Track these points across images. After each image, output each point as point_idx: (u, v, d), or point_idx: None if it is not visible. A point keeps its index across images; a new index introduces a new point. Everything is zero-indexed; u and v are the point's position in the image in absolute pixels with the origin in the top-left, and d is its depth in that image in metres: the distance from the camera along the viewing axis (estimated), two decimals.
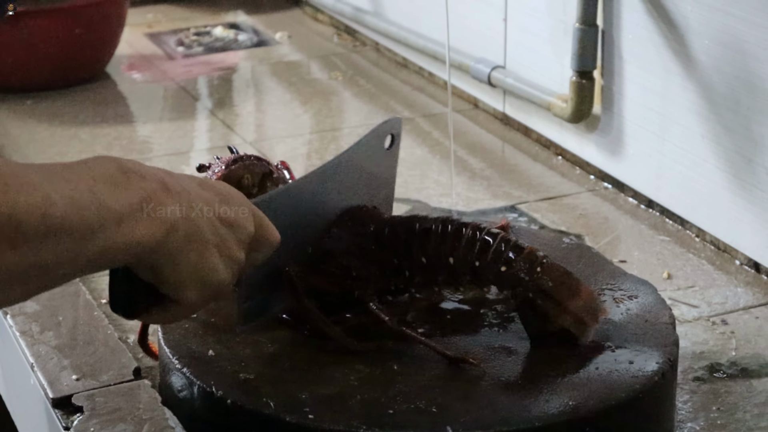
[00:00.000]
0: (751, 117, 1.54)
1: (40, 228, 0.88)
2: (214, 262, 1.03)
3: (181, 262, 1.00)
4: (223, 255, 1.04)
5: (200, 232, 1.01)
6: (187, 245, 1.00)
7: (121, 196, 0.94)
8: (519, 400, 1.14)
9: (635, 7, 1.71)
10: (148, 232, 0.96)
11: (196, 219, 1.01)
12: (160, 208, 0.97)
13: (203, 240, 1.02)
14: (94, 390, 1.24)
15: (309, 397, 1.14)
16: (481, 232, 1.22)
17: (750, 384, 1.34)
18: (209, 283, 1.03)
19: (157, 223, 0.97)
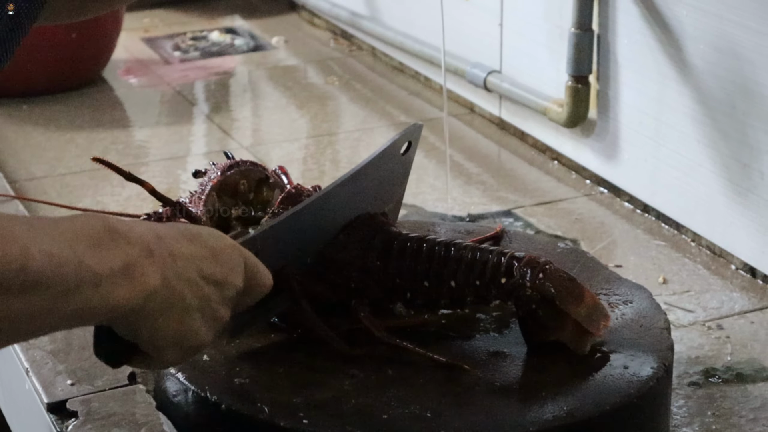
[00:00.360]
0: (747, 122, 1.54)
1: (15, 280, 0.86)
2: (195, 326, 1.02)
3: (159, 327, 0.99)
4: (206, 317, 1.03)
5: (182, 298, 1.00)
6: (166, 311, 0.99)
7: (102, 258, 0.92)
8: (514, 405, 1.14)
9: (631, 12, 1.71)
10: (126, 297, 0.94)
11: (178, 285, 0.99)
12: (141, 275, 0.95)
13: (184, 306, 1.00)
14: (89, 395, 1.23)
15: (303, 402, 1.14)
16: (479, 251, 1.21)
17: (745, 389, 1.33)
18: (189, 345, 1.02)
19: (136, 289, 0.95)
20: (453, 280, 1.21)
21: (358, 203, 1.27)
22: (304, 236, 1.22)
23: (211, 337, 1.04)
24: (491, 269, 1.20)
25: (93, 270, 0.91)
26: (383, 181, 1.31)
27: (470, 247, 1.22)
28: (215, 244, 1.04)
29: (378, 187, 1.30)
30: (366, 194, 1.28)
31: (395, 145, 1.30)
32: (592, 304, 1.21)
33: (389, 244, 1.25)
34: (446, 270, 1.22)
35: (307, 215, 1.22)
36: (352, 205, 1.27)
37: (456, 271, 1.21)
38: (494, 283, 1.20)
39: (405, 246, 1.24)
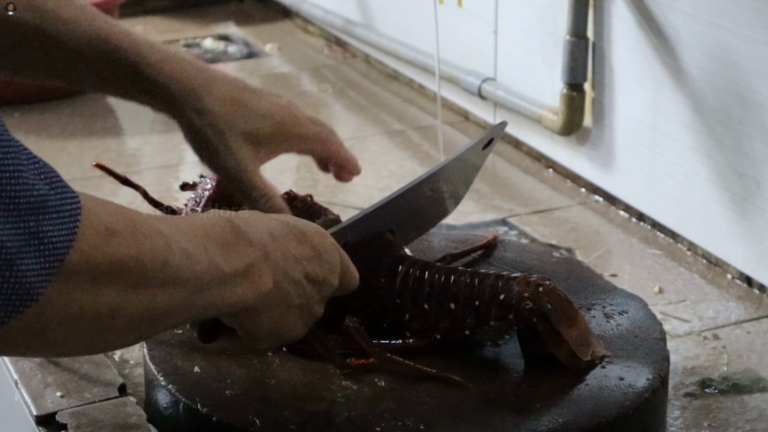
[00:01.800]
0: (743, 130, 1.53)
1: (159, 275, 0.93)
2: (293, 322, 1.09)
3: (262, 322, 1.07)
4: (304, 314, 1.10)
5: (287, 298, 1.07)
6: (272, 310, 1.06)
7: (229, 259, 1.00)
8: (508, 417, 1.13)
9: (626, 20, 1.70)
10: (244, 297, 1.02)
11: (286, 286, 1.06)
12: (258, 276, 1.03)
13: (288, 304, 1.08)
14: (79, 407, 1.22)
15: (295, 415, 1.13)
16: (479, 274, 1.21)
17: (742, 400, 1.33)
18: (284, 336, 1.11)
19: (253, 290, 1.03)
20: (453, 303, 1.20)
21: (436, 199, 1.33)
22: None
23: (304, 331, 1.11)
24: (490, 288, 1.19)
25: (222, 270, 0.99)
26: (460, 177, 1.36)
27: (470, 272, 1.22)
28: (320, 243, 1.11)
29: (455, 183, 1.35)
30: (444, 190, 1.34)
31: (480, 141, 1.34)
32: (584, 329, 1.21)
33: (395, 266, 1.24)
34: (447, 294, 1.21)
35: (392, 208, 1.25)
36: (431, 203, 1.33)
37: (456, 294, 1.20)
38: (494, 300, 1.19)
39: (409, 270, 1.23)
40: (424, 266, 1.24)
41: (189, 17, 2.81)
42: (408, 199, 1.28)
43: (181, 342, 1.25)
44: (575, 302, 1.29)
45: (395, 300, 1.23)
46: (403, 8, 2.29)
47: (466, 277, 1.21)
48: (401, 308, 1.23)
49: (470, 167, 1.38)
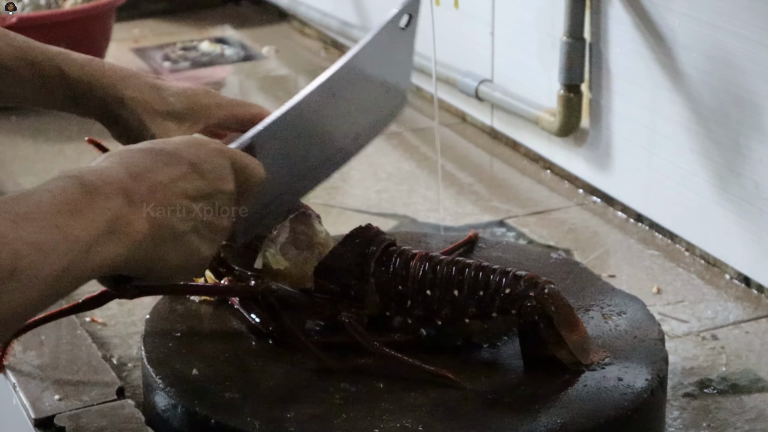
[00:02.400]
0: (740, 130, 1.53)
1: (13, 283, 0.89)
2: (194, 246, 1.04)
3: (158, 261, 1.02)
4: (203, 234, 1.05)
5: (172, 229, 1.02)
6: (160, 247, 1.01)
7: (85, 224, 0.94)
8: (506, 418, 1.13)
9: (623, 21, 1.70)
10: (117, 251, 0.97)
11: (164, 219, 1.01)
12: (126, 226, 0.98)
13: (176, 234, 1.02)
14: (77, 410, 1.22)
15: (293, 417, 1.13)
16: (485, 267, 1.21)
17: (740, 400, 1.33)
18: (194, 264, 1.05)
19: (125, 241, 0.97)
20: (457, 290, 1.21)
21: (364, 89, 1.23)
22: (307, 133, 1.18)
23: (214, 249, 1.06)
24: (496, 281, 1.19)
25: (81, 239, 0.93)
26: (387, 66, 1.26)
27: (477, 264, 1.22)
28: (195, 155, 1.05)
29: (381, 66, 1.25)
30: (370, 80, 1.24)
31: (394, 20, 1.25)
32: (584, 336, 1.22)
33: (386, 253, 1.25)
34: (451, 280, 1.21)
35: (310, 106, 1.17)
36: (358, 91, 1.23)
37: (461, 282, 1.20)
38: (498, 293, 1.19)
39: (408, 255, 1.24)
40: (428, 255, 1.24)
41: (186, 20, 2.81)
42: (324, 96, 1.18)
43: (180, 345, 1.25)
44: (574, 303, 1.29)
45: (396, 287, 1.23)
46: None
47: (472, 267, 1.21)
48: (403, 294, 1.23)
49: (395, 51, 1.27)
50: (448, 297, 1.21)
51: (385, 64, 1.26)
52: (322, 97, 1.19)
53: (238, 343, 1.25)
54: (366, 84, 1.24)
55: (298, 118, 1.17)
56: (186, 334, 1.26)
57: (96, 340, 1.40)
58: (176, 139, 1.07)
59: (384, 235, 1.27)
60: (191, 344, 1.25)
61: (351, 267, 1.24)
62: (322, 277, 1.25)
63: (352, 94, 1.22)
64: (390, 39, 1.26)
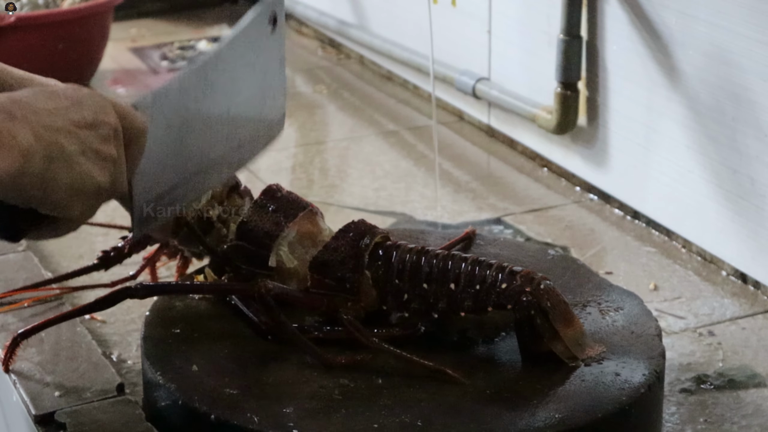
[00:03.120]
0: (736, 127, 1.53)
1: None
2: (85, 169, 1.02)
3: (48, 181, 1.00)
4: (92, 158, 1.03)
5: (60, 148, 1.00)
6: (50, 165, 0.99)
7: None
8: (505, 413, 1.14)
9: (619, 18, 1.71)
10: (3, 165, 0.96)
11: (51, 136, 1.00)
12: (10, 137, 0.96)
13: (65, 154, 1.01)
14: (77, 406, 1.23)
15: (293, 412, 1.13)
16: (482, 261, 1.22)
17: (737, 395, 1.33)
18: (88, 191, 1.03)
19: (11, 153, 0.96)
20: (453, 283, 1.21)
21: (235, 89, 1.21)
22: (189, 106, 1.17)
23: (107, 178, 1.04)
24: (492, 276, 1.20)
25: None
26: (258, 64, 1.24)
27: (474, 258, 1.23)
28: (74, 93, 1.04)
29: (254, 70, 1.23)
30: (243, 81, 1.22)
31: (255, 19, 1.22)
32: (580, 330, 1.22)
33: (382, 246, 1.26)
34: (447, 273, 1.22)
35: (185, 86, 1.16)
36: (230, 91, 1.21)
37: (458, 275, 1.21)
38: (494, 288, 1.20)
39: (405, 249, 1.25)
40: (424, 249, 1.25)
41: (183, 20, 2.81)
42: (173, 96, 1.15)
43: (179, 341, 1.25)
44: (571, 299, 1.30)
45: (393, 280, 1.24)
46: (397, 9, 2.29)
47: (469, 262, 1.22)
48: (400, 288, 1.24)
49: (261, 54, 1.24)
50: (444, 290, 1.22)
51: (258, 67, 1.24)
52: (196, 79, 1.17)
53: (237, 339, 1.26)
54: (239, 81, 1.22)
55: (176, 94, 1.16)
56: (185, 331, 1.27)
57: (96, 337, 1.40)
58: (50, 82, 1.07)
59: (377, 229, 1.28)
60: (191, 341, 1.25)
61: (345, 260, 1.25)
62: (317, 272, 1.25)
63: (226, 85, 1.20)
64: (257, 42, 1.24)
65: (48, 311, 1.40)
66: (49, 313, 1.38)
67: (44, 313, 1.39)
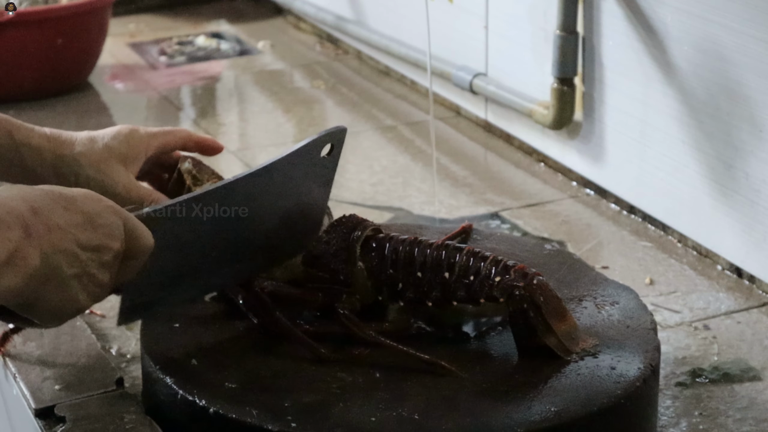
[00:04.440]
0: (731, 122, 1.54)
1: None
2: (73, 294, 1.07)
3: (38, 299, 1.05)
4: (84, 283, 1.08)
5: (57, 271, 1.05)
6: (45, 286, 1.05)
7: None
8: (501, 407, 1.14)
9: (615, 14, 1.71)
10: (13, 284, 1.01)
11: (54, 259, 1.05)
12: (23, 258, 1.02)
13: (61, 277, 1.06)
14: (77, 400, 1.23)
15: (292, 406, 1.14)
16: (476, 254, 1.23)
17: (732, 389, 1.34)
18: (69, 311, 1.09)
19: (20, 273, 1.02)
20: (447, 272, 1.22)
21: (270, 200, 1.24)
22: (205, 225, 1.19)
23: (89, 302, 1.09)
24: (487, 268, 1.21)
25: None
26: (301, 182, 1.27)
27: (469, 249, 1.24)
28: (91, 208, 1.09)
29: (295, 187, 1.26)
30: (280, 192, 1.24)
31: (314, 144, 1.26)
32: (573, 325, 1.24)
33: (375, 238, 1.27)
34: (441, 263, 1.23)
35: (209, 202, 1.18)
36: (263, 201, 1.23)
37: (452, 265, 1.22)
38: (488, 280, 1.21)
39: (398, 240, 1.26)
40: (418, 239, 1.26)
41: (181, 15, 2.81)
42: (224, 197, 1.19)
43: (178, 335, 1.26)
44: (567, 293, 1.31)
45: (387, 270, 1.25)
46: (395, 5, 2.30)
47: (464, 252, 1.23)
48: (394, 278, 1.25)
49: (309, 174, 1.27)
50: (438, 279, 1.23)
51: (301, 188, 1.27)
52: (222, 197, 1.19)
53: (236, 333, 1.27)
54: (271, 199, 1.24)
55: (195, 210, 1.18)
56: (185, 325, 1.27)
57: (95, 331, 1.41)
58: (75, 189, 1.11)
59: (368, 222, 1.29)
60: (190, 335, 1.26)
61: (337, 252, 1.26)
62: (311, 266, 1.27)
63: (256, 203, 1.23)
64: (308, 162, 1.26)
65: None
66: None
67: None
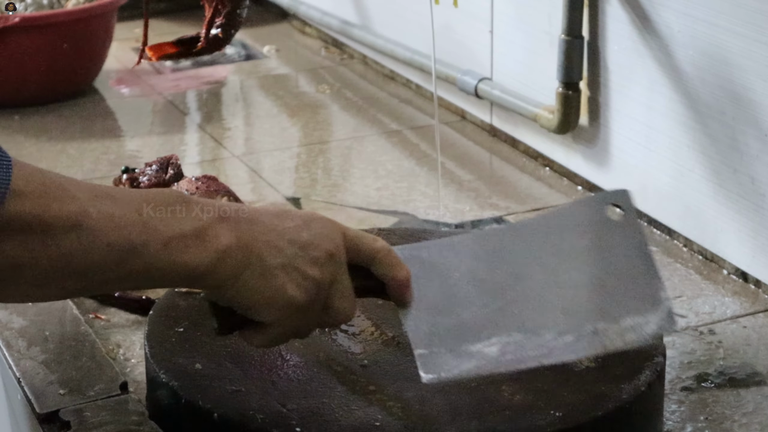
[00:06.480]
0: (737, 127, 1.54)
1: (70, 235, 0.95)
2: (278, 283, 1.05)
3: (241, 287, 1.04)
4: (291, 274, 1.05)
5: (259, 257, 1.04)
6: (244, 271, 1.03)
7: (172, 222, 1.00)
8: (505, 412, 1.14)
9: (620, 19, 1.71)
10: (197, 258, 1.00)
11: (254, 245, 1.04)
12: (213, 236, 1.01)
13: (263, 265, 1.04)
14: (81, 404, 1.23)
15: (296, 410, 1.14)
16: None
17: (738, 393, 1.34)
18: (280, 303, 1.06)
19: (207, 249, 1.01)
20: None
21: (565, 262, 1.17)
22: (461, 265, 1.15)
23: (302, 295, 1.06)
24: None
25: (159, 231, 0.99)
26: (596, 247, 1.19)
27: None
28: (308, 216, 1.08)
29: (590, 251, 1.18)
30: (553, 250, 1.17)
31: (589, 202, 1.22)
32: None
33: None
34: None
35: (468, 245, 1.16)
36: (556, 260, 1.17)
37: None
38: None
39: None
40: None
41: (187, 20, 2.81)
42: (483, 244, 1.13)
43: (183, 340, 1.26)
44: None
45: None
46: (400, 9, 2.30)
47: None
48: None
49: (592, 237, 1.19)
50: None
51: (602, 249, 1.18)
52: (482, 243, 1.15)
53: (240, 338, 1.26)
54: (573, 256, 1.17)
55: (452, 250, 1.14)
56: (189, 330, 1.27)
57: (99, 335, 1.41)
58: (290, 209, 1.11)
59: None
60: (194, 339, 1.26)
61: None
62: None
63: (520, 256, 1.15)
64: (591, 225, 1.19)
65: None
66: None
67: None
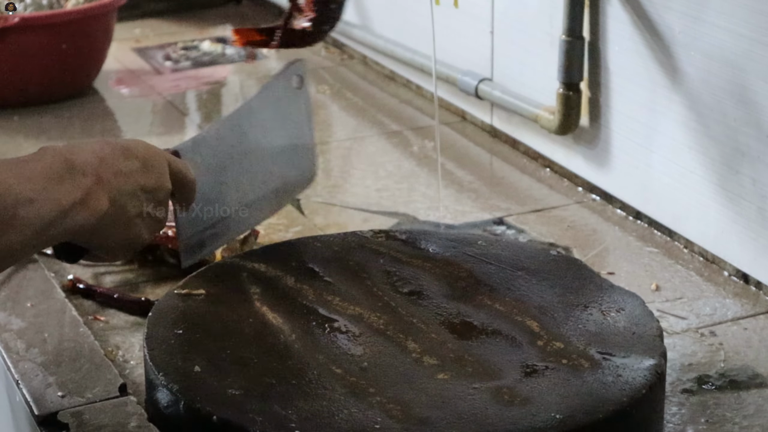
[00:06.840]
0: (738, 128, 1.54)
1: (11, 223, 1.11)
2: (138, 230, 1.25)
3: (107, 237, 1.23)
4: (146, 221, 1.26)
5: (125, 212, 1.22)
6: (114, 225, 1.22)
7: (66, 192, 1.15)
8: (505, 414, 1.14)
9: (621, 19, 1.71)
10: (85, 222, 1.17)
11: (121, 201, 1.21)
12: (95, 201, 1.18)
13: (128, 217, 1.23)
14: (80, 407, 1.23)
15: (295, 413, 1.13)
16: None
17: (739, 396, 1.33)
18: (135, 245, 1.27)
19: (92, 214, 1.18)
20: None
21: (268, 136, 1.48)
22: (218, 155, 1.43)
23: (150, 235, 1.28)
24: None
25: (62, 204, 1.15)
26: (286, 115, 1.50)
27: None
28: (145, 153, 1.26)
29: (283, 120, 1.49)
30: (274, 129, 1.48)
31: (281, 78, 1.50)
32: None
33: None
34: None
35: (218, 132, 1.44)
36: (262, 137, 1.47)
37: None
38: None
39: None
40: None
41: (187, 20, 2.81)
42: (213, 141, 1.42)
43: (182, 342, 1.25)
44: (572, 299, 1.30)
45: None
46: (400, 9, 2.30)
47: None
48: None
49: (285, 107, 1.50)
50: None
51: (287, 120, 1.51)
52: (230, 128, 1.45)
53: (239, 339, 1.26)
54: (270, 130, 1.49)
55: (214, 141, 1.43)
56: (188, 332, 1.27)
57: (99, 337, 1.40)
58: (128, 139, 1.28)
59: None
60: (193, 341, 1.26)
61: None
62: None
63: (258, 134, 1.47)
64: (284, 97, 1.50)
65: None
66: None
67: None
